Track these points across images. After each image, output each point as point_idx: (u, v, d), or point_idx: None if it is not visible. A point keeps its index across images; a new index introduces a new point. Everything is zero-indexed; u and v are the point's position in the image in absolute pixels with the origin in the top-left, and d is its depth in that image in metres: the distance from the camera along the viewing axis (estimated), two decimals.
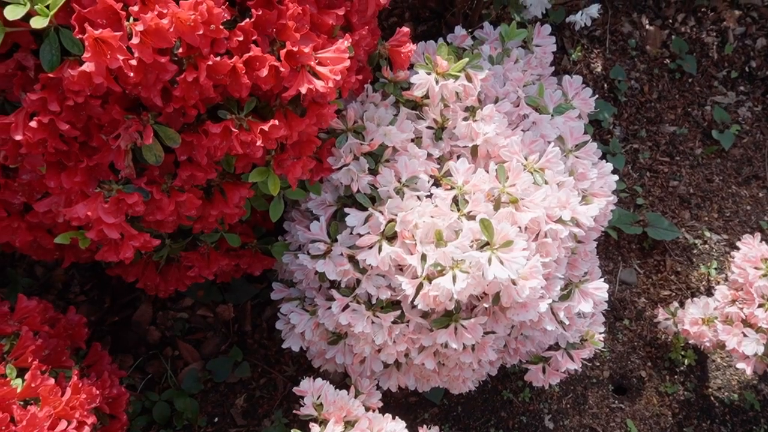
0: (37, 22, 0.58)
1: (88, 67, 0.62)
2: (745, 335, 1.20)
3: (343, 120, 1.05)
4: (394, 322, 1.03)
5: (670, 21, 2.06)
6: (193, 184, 0.80)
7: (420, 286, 0.97)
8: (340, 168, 1.04)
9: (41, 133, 0.65)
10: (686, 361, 1.62)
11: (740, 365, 1.21)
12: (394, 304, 1.06)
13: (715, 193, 1.86)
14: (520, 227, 0.96)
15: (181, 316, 1.57)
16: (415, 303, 0.97)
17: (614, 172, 1.16)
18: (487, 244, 0.94)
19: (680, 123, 1.94)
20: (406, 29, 0.99)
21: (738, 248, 1.27)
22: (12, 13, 0.58)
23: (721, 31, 2.05)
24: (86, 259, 1.08)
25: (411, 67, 1.08)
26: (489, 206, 0.99)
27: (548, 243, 0.98)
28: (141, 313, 1.54)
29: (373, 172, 1.06)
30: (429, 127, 1.10)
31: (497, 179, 1.01)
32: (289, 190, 1.02)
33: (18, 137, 0.64)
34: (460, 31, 1.22)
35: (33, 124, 0.64)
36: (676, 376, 1.63)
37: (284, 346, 1.18)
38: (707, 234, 1.79)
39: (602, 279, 1.12)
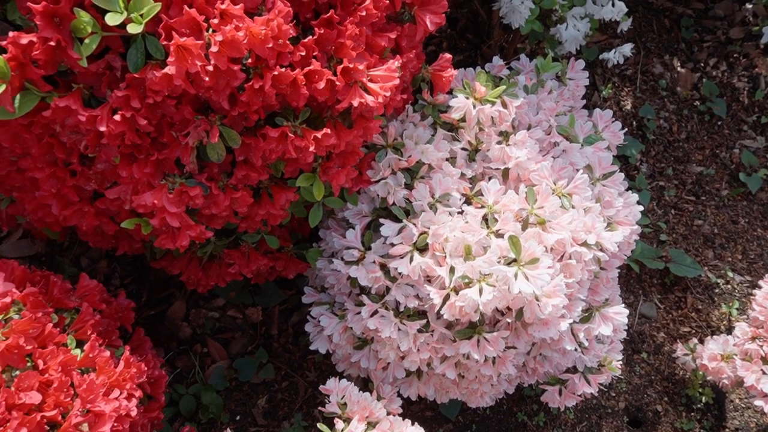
0: (133, 28, 0.66)
1: (170, 70, 0.69)
2: (764, 372, 1.20)
3: (384, 136, 1.11)
4: (419, 331, 1.08)
5: (702, 65, 2.11)
6: (246, 183, 0.86)
7: (447, 297, 1.01)
8: (378, 181, 1.10)
9: (122, 126, 0.73)
10: (704, 399, 1.62)
11: (758, 402, 1.22)
12: (420, 314, 1.10)
13: (740, 234, 1.87)
14: (546, 247, 1.00)
15: (212, 315, 1.63)
16: (441, 313, 1.01)
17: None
18: (514, 261, 0.98)
19: (707, 164, 1.96)
20: (448, 56, 1.05)
21: (760, 287, 1.29)
22: (112, 19, 0.66)
23: (752, 77, 2.08)
24: (137, 250, 1.16)
25: (449, 92, 1.15)
26: (517, 226, 1.03)
27: (572, 265, 1.02)
28: (175, 310, 1.61)
29: (409, 186, 1.11)
30: (463, 149, 1.15)
31: (526, 201, 1.06)
32: (329, 199, 1.08)
33: (102, 128, 0.72)
34: (497, 61, 1.28)
35: (117, 117, 0.72)
36: (692, 413, 1.63)
37: (312, 347, 1.22)
38: (730, 274, 1.79)
39: (623, 305, 1.15)
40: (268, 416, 1.55)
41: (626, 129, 1.95)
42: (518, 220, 1.05)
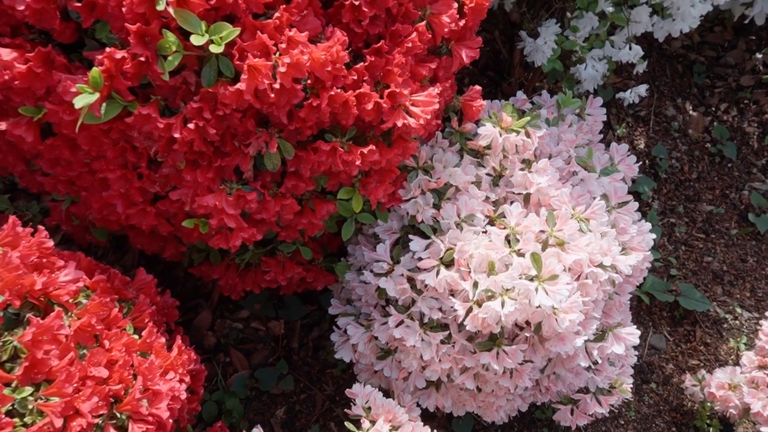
0: (214, 49, 0.77)
1: (241, 86, 0.79)
2: None
3: (415, 159, 1.21)
4: (441, 342, 1.14)
5: (713, 109, 2.21)
6: (293, 193, 0.95)
7: (470, 309, 1.08)
8: (409, 200, 1.19)
9: (193, 134, 0.82)
10: (711, 431, 1.65)
11: (765, 429, 1.26)
12: (442, 327, 1.17)
13: (748, 272, 1.93)
14: (564, 267, 1.07)
15: (236, 326, 1.70)
16: (464, 324, 1.08)
17: None
18: (535, 277, 1.06)
19: (717, 203, 2.04)
20: (478, 87, 1.15)
21: (766, 317, 1.35)
22: (197, 40, 0.76)
23: (762, 123, 2.17)
24: (176, 257, 1.24)
25: (476, 121, 1.24)
26: (537, 246, 1.11)
27: (588, 284, 1.09)
28: (201, 319, 1.68)
29: (436, 206, 1.20)
30: (488, 174, 1.24)
31: (546, 223, 1.14)
32: (361, 214, 1.17)
33: (176, 135, 0.81)
34: (521, 95, 1.38)
35: (191, 126, 0.81)
36: None
37: (337, 356, 1.29)
38: (738, 310, 1.85)
39: (634, 326, 1.21)
40: (285, 426, 1.60)
41: (639, 166, 2.04)
42: (538, 241, 1.13)
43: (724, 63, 2.34)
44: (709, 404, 1.53)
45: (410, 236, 1.17)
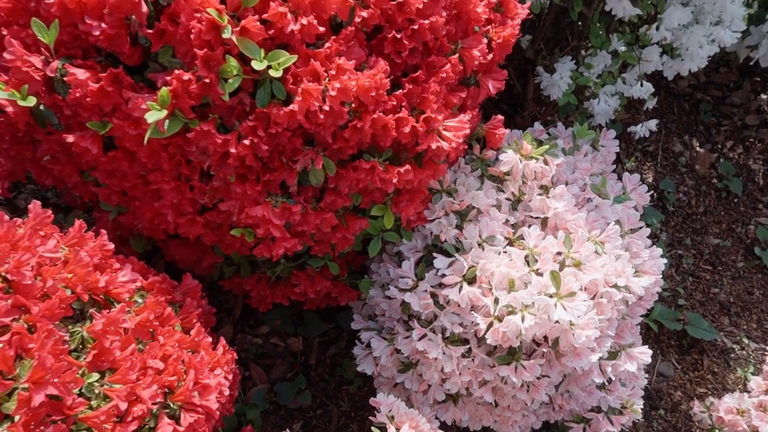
0: (274, 73, 0.86)
1: (294, 107, 0.88)
2: None
3: (440, 182, 1.29)
4: (462, 356, 1.21)
5: (719, 146, 2.30)
6: (332, 208, 1.03)
7: (491, 324, 1.15)
8: (433, 220, 1.27)
9: (247, 150, 0.91)
10: None
11: None
12: (462, 341, 1.23)
13: (755, 305, 1.99)
14: (581, 286, 1.14)
15: (256, 341, 1.76)
16: (485, 337, 1.15)
17: None
18: (553, 294, 1.13)
19: (724, 236, 2.12)
20: (500, 117, 1.25)
21: None
22: (257, 65, 0.86)
23: (767, 161, 2.26)
24: (206, 270, 1.32)
25: (496, 149, 1.33)
26: (555, 266, 1.19)
27: (603, 303, 1.16)
28: (223, 333, 1.74)
29: (459, 227, 1.28)
30: (508, 198, 1.32)
31: (563, 245, 1.21)
32: (387, 233, 1.25)
33: (232, 150, 0.90)
34: (538, 126, 1.48)
35: (246, 142, 0.90)
36: None
37: (359, 369, 1.35)
38: (745, 341, 1.90)
39: (646, 347, 1.27)
40: None
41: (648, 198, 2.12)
42: (555, 262, 1.20)
43: (729, 102, 2.44)
44: (717, 430, 1.57)
45: (434, 254, 1.25)
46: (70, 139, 0.96)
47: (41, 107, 0.96)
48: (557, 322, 1.10)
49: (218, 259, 1.22)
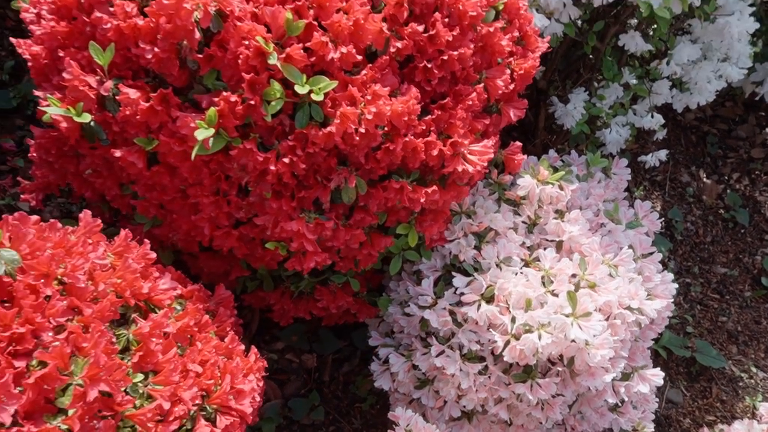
0: (315, 97, 0.93)
1: (332, 129, 0.94)
2: None
3: (459, 205, 1.35)
4: (478, 373, 1.25)
5: (726, 177, 2.37)
6: (360, 226, 1.09)
7: (508, 341, 1.19)
8: (452, 240, 1.32)
9: (285, 168, 0.97)
10: None
11: None
12: (479, 359, 1.28)
13: (762, 334, 2.03)
14: (595, 307, 1.19)
15: (271, 356, 1.80)
16: (502, 354, 1.19)
17: None
18: (569, 314, 1.17)
19: (731, 266, 2.16)
20: (519, 143, 1.31)
21: None
22: (300, 89, 0.92)
23: None
24: (232, 284, 1.37)
25: (512, 174, 1.39)
26: (570, 287, 1.24)
27: (617, 324, 1.21)
28: None
29: (477, 248, 1.33)
30: (524, 222, 1.38)
31: (578, 267, 1.27)
32: (408, 252, 1.30)
33: (272, 168, 0.96)
34: (552, 153, 1.54)
35: (286, 160, 0.96)
36: None
37: (376, 384, 1.39)
38: (753, 369, 1.94)
39: (658, 369, 1.31)
40: None
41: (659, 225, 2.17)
42: (570, 283, 1.25)
43: (735, 136, 2.52)
44: None
45: (453, 273, 1.30)
46: (118, 153, 1.03)
47: (92, 123, 1.03)
48: (573, 341, 1.14)
49: (245, 273, 1.27)
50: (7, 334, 0.73)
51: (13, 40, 1.20)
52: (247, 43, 0.93)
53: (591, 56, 1.76)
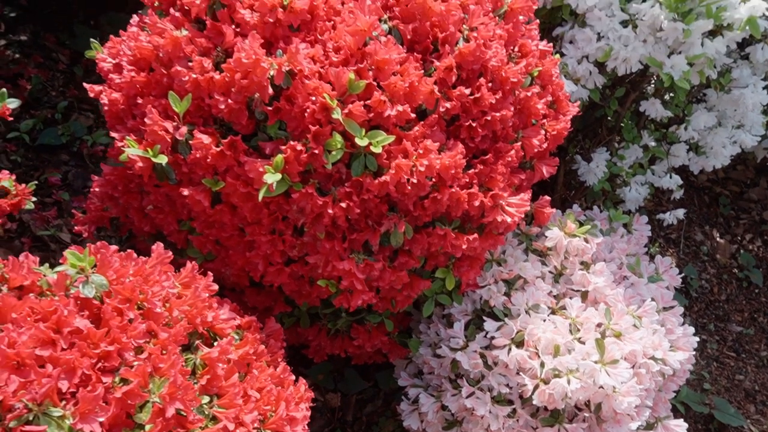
0: (374, 149, 1.03)
1: (386, 178, 1.04)
2: None
3: (491, 253, 1.44)
4: (507, 416, 1.30)
5: (739, 238, 2.45)
6: (403, 268, 1.17)
7: (537, 386, 1.25)
8: (484, 286, 1.40)
9: (341, 212, 1.07)
10: None
11: None
12: (508, 402, 1.33)
13: None
14: (622, 355, 1.25)
15: None
16: (531, 398, 1.25)
17: None
18: (597, 361, 1.24)
19: (747, 325, 2.21)
20: (548, 197, 1.41)
21: None
22: (360, 141, 1.03)
23: None
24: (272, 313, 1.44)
25: (539, 226, 1.48)
26: (597, 335, 1.30)
27: (642, 374, 1.27)
28: None
29: (507, 294, 1.41)
30: (550, 271, 1.46)
31: (604, 317, 1.34)
32: (440, 296, 1.38)
33: (330, 211, 1.06)
34: (576, 208, 1.63)
35: (343, 205, 1.06)
36: None
37: (404, 424, 1.44)
38: None
39: (681, 420, 1.36)
40: None
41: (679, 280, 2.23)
42: (597, 332, 1.32)
43: (747, 198, 2.61)
44: None
45: (483, 318, 1.37)
46: (186, 192, 1.13)
47: (164, 164, 1.13)
48: (601, 386, 1.20)
49: (287, 309, 1.35)
50: (97, 351, 0.80)
51: (87, 85, 1.33)
52: (313, 98, 1.05)
53: (610, 118, 1.88)
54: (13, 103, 1.42)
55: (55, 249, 1.97)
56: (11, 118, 1.45)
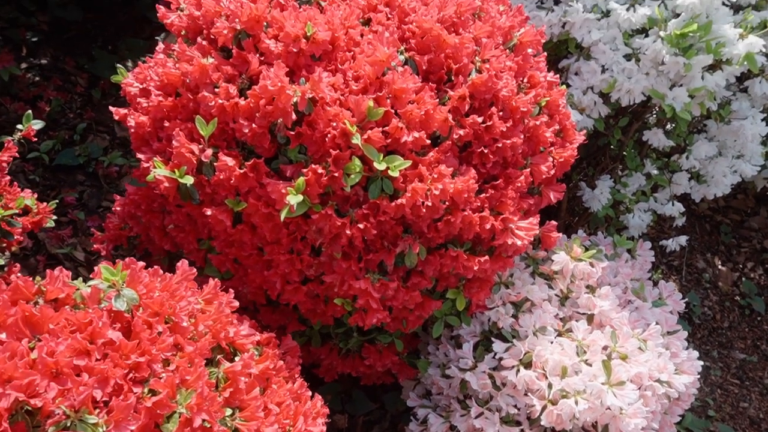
0: (392, 173, 1.08)
1: (402, 201, 1.09)
2: None
3: (499, 276, 1.48)
4: None
5: (740, 266, 2.49)
6: (416, 288, 1.22)
7: (545, 406, 1.28)
8: (492, 308, 1.44)
9: (359, 233, 1.12)
10: None
11: None
12: (515, 422, 1.36)
13: None
14: (628, 377, 1.29)
15: None
16: (539, 419, 1.28)
17: None
18: (604, 383, 1.27)
19: (750, 352, 2.24)
20: (554, 222, 1.46)
21: None
22: (379, 166, 1.08)
23: None
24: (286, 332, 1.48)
25: (545, 250, 1.53)
26: (603, 357, 1.34)
27: (648, 396, 1.30)
28: None
29: (514, 316, 1.45)
30: (556, 295, 1.50)
31: (610, 340, 1.37)
32: (449, 317, 1.42)
33: (348, 232, 1.10)
34: (581, 233, 1.68)
35: (360, 226, 1.11)
36: None
37: None
38: None
39: None
40: None
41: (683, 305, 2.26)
42: (603, 354, 1.36)
43: (748, 226, 2.66)
44: None
45: (492, 339, 1.40)
46: (209, 212, 1.18)
47: (189, 185, 1.18)
48: (609, 408, 1.23)
49: (301, 328, 1.39)
50: (128, 362, 0.84)
51: (112, 109, 1.39)
52: (334, 124, 1.10)
53: (613, 147, 1.94)
54: (37, 125, 1.48)
55: (69, 267, 2.01)
56: (35, 139, 1.51)
